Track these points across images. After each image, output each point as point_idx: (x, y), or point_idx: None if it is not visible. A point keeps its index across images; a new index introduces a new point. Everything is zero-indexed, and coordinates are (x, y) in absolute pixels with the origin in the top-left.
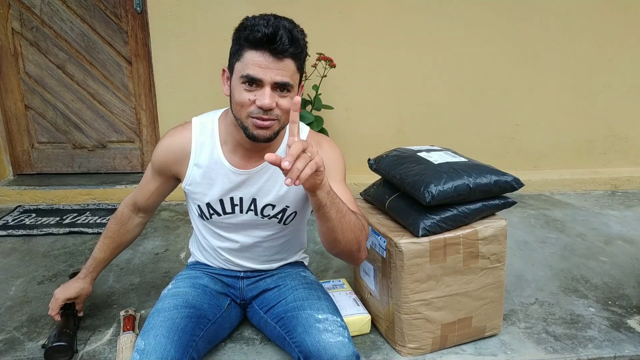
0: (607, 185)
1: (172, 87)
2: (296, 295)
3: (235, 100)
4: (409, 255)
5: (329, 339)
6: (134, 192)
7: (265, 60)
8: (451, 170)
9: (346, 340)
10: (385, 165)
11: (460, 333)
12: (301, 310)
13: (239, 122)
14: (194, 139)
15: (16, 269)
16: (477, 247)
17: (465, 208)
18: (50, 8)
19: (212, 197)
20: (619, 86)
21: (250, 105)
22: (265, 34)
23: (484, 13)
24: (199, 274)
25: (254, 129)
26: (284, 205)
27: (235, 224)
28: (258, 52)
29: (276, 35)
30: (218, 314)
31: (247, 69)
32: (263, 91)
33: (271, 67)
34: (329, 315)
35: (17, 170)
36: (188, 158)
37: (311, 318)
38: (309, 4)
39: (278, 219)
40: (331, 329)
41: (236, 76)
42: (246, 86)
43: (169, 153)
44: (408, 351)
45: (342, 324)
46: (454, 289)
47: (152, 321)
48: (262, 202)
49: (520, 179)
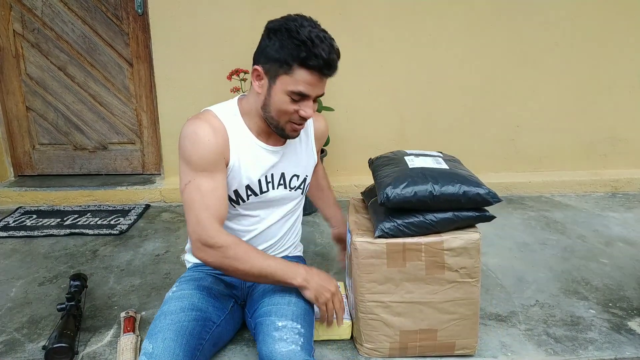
0: (608, 187)
1: (173, 88)
2: (270, 300)
3: (277, 107)
4: (364, 254)
5: (280, 349)
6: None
7: (316, 80)
8: (419, 175)
9: (298, 349)
10: (375, 166)
11: (423, 344)
12: (267, 316)
13: (274, 122)
14: (225, 123)
15: (17, 271)
16: (442, 257)
17: (432, 216)
18: (52, 10)
19: (252, 179)
20: (620, 88)
21: (293, 114)
22: (324, 60)
23: (484, 14)
24: (202, 275)
25: (291, 132)
26: (305, 175)
27: (266, 202)
28: (311, 73)
29: (331, 63)
30: (222, 317)
31: (299, 86)
32: (307, 103)
33: (318, 85)
34: (288, 322)
35: (18, 171)
36: (228, 142)
37: (271, 326)
38: (309, 5)
39: (302, 189)
40: (286, 338)
41: (282, 86)
42: (293, 98)
43: (217, 138)
44: (365, 350)
45: (300, 331)
46: (416, 297)
47: (159, 324)
48: (289, 175)
49: (496, 194)
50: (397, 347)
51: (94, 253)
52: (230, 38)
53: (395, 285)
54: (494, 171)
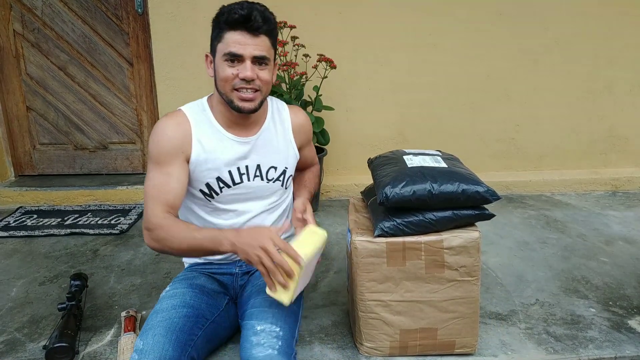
0: (608, 186)
1: (173, 88)
2: (253, 301)
3: (219, 77)
4: (364, 254)
5: (257, 354)
6: (152, 203)
7: (243, 37)
8: (418, 174)
9: (275, 353)
10: (374, 166)
11: (423, 343)
12: (248, 319)
13: (224, 97)
14: (191, 118)
15: (17, 270)
16: (442, 256)
17: (432, 215)
18: (52, 9)
19: (221, 169)
20: (620, 87)
21: (233, 79)
22: (242, 14)
23: (484, 13)
24: (195, 274)
25: (239, 102)
26: (284, 167)
27: (242, 194)
28: (237, 31)
29: (251, 15)
30: (216, 313)
31: (229, 47)
32: (244, 65)
33: (249, 43)
34: (267, 326)
35: (19, 171)
36: (190, 136)
37: (250, 330)
38: (309, 5)
39: (281, 182)
40: (263, 342)
41: (219, 56)
42: (229, 63)
43: (176, 132)
44: (365, 350)
45: (279, 334)
46: (415, 296)
47: (150, 322)
48: (265, 166)
49: (495, 192)
50: (397, 346)
51: (95, 253)
52: None
53: (395, 284)
54: (494, 170)
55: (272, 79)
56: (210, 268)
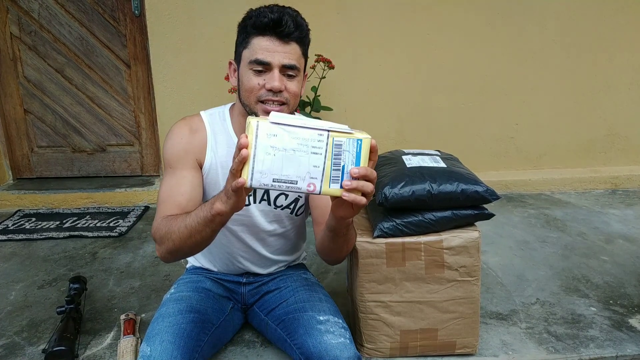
0: (608, 184)
1: (171, 90)
2: (297, 297)
3: (244, 87)
4: (364, 255)
5: (330, 341)
6: (159, 210)
7: (272, 44)
8: (417, 174)
9: (348, 342)
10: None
11: (424, 344)
12: (302, 312)
13: (247, 109)
14: (208, 127)
15: (16, 274)
16: (441, 256)
17: (431, 215)
18: (49, 12)
19: None
20: (619, 85)
21: (259, 90)
22: (271, 19)
23: (482, 13)
24: (200, 277)
25: (263, 115)
26: (296, 195)
27: (248, 216)
28: (265, 37)
29: (282, 19)
30: (222, 318)
31: (256, 54)
32: (272, 74)
33: (278, 51)
34: (330, 317)
35: (17, 174)
36: (205, 144)
37: (313, 320)
38: (307, 4)
39: (290, 209)
40: (332, 330)
41: (244, 63)
42: (255, 71)
43: (190, 137)
44: (365, 351)
45: (344, 326)
46: (416, 296)
47: (156, 326)
48: (275, 192)
49: (495, 191)
50: (398, 347)
51: (94, 255)
52: (228, 39)
53: (395, 284)
54: (494, 169)
55: (301, 91)
56: (216, 274)
